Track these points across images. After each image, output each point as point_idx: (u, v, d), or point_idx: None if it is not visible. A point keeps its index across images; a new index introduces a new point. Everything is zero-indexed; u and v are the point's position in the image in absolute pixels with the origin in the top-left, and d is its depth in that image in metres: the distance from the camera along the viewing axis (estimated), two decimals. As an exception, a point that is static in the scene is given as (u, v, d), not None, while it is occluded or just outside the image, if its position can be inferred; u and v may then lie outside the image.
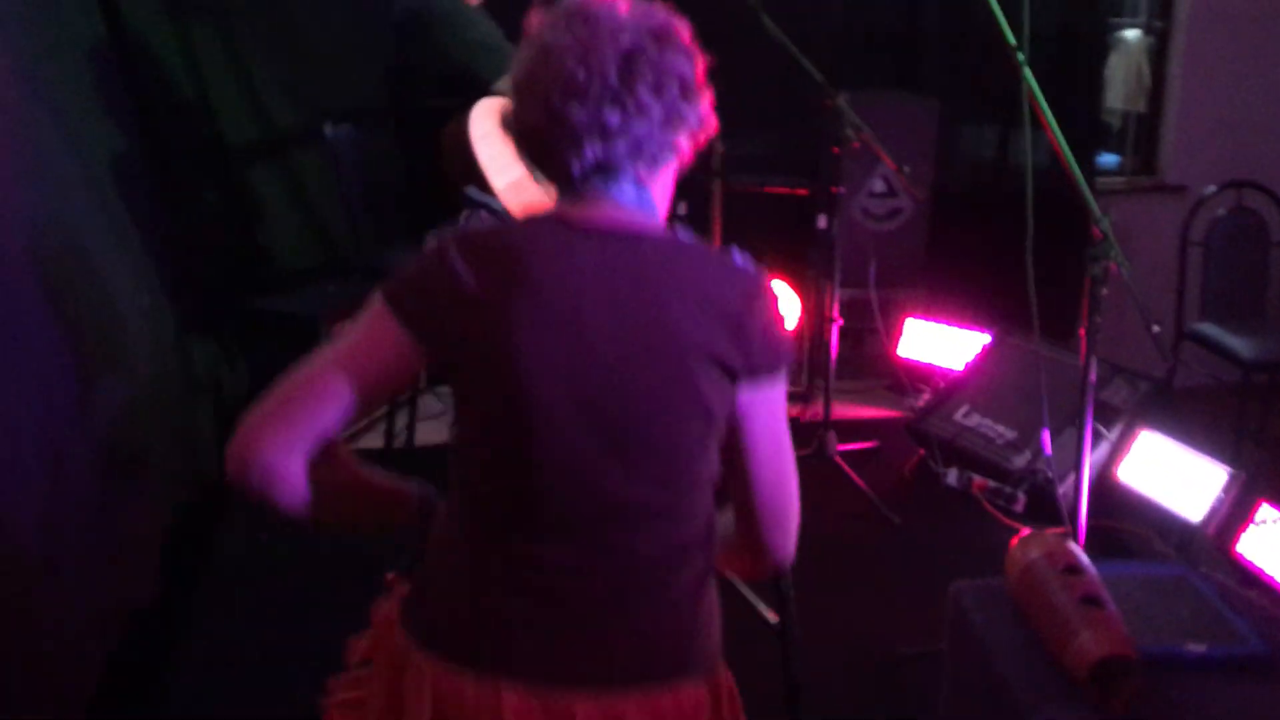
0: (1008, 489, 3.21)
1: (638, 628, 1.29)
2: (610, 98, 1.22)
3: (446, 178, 2.57)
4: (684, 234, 1.33)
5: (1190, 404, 3.75)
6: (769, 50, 3.04)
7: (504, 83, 2.82)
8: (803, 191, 3.84)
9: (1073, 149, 4.48)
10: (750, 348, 1.26)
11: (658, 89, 1.24)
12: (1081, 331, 2.23)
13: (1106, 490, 3.11)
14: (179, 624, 2.72)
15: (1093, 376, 2.25)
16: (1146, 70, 4.67)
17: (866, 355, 4.23)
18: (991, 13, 2.12)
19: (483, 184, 2.64)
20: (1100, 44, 4.32)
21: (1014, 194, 4.26)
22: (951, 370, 3.83)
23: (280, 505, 1.24)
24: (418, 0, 2.94)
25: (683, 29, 1.28)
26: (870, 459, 3.60)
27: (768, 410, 1.30)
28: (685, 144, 1.30)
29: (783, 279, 4.12)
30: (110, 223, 2.76)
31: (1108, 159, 4.92)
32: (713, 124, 1.32)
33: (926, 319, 4.05)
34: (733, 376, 1.26)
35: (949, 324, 3.97)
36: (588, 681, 1.27)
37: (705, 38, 1.30)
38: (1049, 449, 2.50)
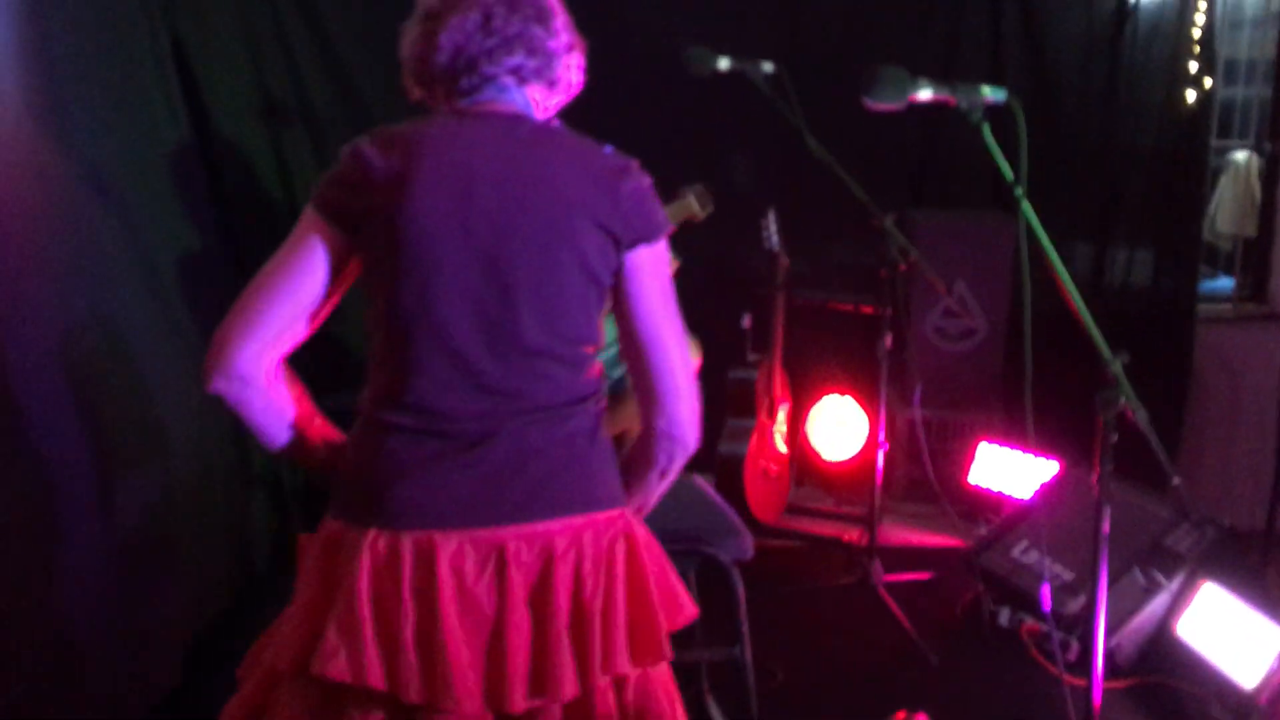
0: (1060, 635, 3.00)
1: (544, 465, 1.47)
2: (489, 28, 1.52)
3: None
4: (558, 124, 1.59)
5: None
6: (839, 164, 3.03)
7: None
8: (867, 309, 3.76)
9: (1173, 272, 4.30)
10: (627, 214, 1.49)
11: (524, 26, 1.54)
12: (1094, 479, 2.09)
13: (1165, 645, 2.88)
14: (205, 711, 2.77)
15: (1105, 527, 2.11)
16: (1257, 193, 4.44)
17: (939, 480, 4.07)
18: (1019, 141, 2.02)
19: None
20: (1200, 164, 4.13)
21: (1110, 315, 4.13)
22: (1021, 500, 3.64)
23: (257, 411, 1.47)
24: None
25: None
26: (922, 591, 3.43)
27: (649, 273, 1.53)
28: (557, 75, 1.59)
29: (851, 395, 4.04)
30: (167, 320, 2.91)
31: (1223, 283, 4.67)
32: (580, 72, 1.63)
33: (999, 444, 3.88)
34: (616, 243, 1.49)
35: (1022, 450, 3.79)
36: (508, 516, 1.44)
37: (780, 150, 1.39)
38: (1048, 604, 2.33)
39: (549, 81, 1.59)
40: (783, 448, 3.92)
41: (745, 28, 3.93)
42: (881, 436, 3.38)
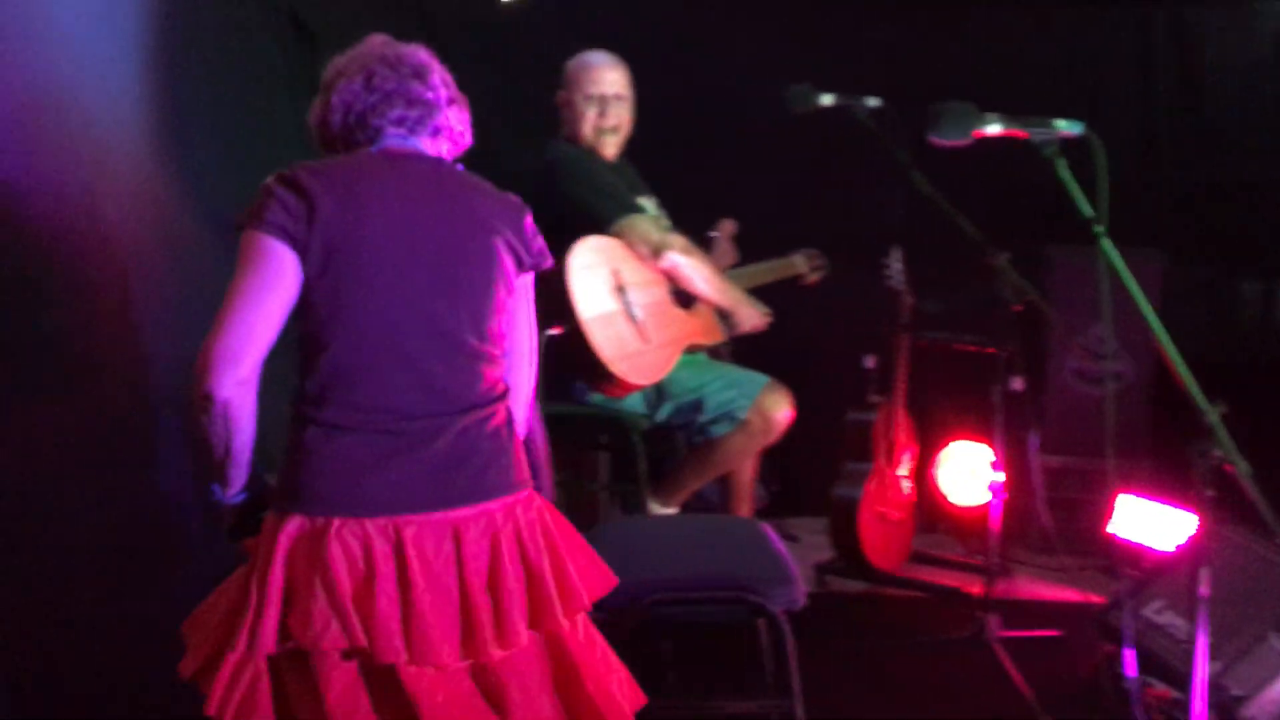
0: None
1: (482, 455, 1.70)
2: (370, 86, 1.77)
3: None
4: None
5: None
6: (969, 204, 2.95)
7: (619, 226, 2.93)
8: (991, 350, 3.60)
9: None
10: (529, 243, 1.81)
11: (400, 83, 1.78)
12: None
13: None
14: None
15: (1203, 590, 1.95)
16: None
17: (1078, 531, 3.85)
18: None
19: (565, 310, 2.74)
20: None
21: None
22: (1161, 554, 3.39)
23: (232, 435, 1.62)
24: (554, 152, 3.11)
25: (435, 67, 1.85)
26: (1048, 650, 3.23)
27: (529, 296, 1.87)
28: (438, 125, 1.80)
29: (978, 440, 3.87)
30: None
31: None
32: (466, 126, 1.86)
33: (1140, 495, 3.63)
34: (519, 264, 1.79)
35: (1165, 503, 3.54)
36: (458, 500, 1.65)
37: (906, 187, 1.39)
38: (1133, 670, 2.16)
39: (432, 130, 1.81)
40: (906, 493, 3.79)
41: (877, 71, 3.88)
42: (1000, 483, 3.22)
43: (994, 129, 1.94)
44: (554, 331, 2.75)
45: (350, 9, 3.52)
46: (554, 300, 2.74)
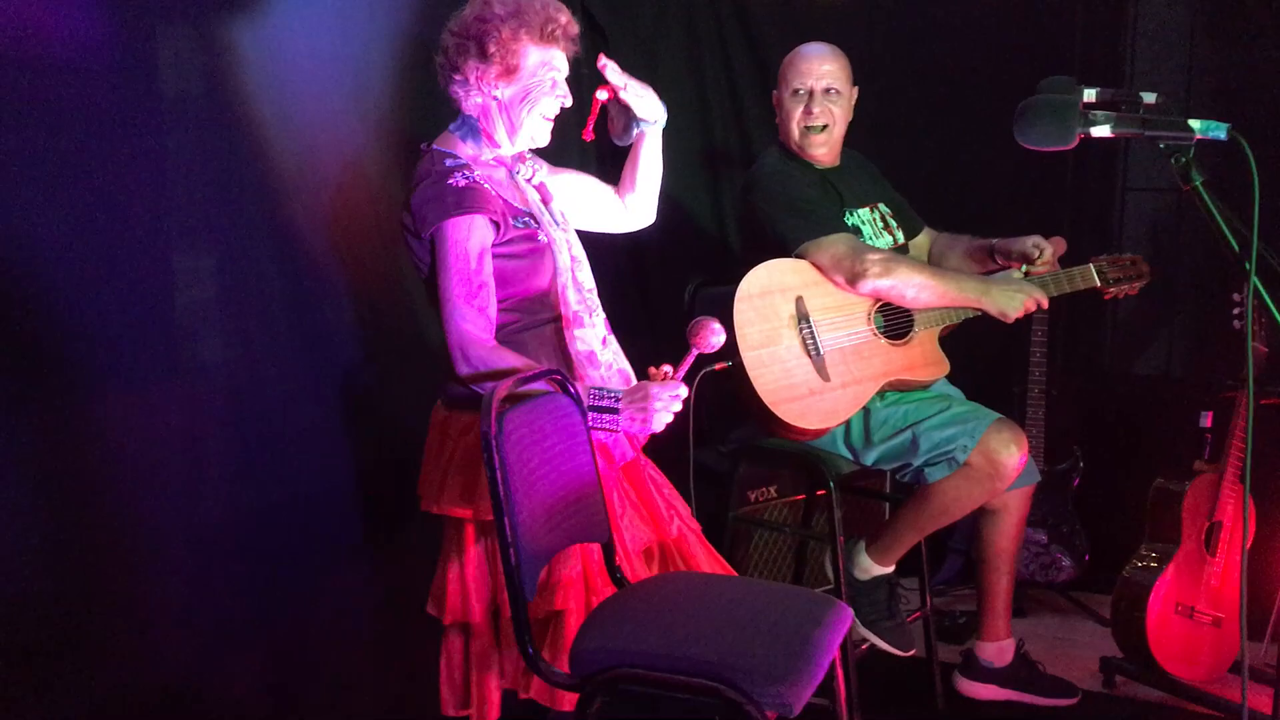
0: None
1: None
2: None
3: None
4: None
5: None
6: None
7: (804, 248, 2.58)
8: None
9: None
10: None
11: None
12: None
13: None
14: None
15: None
16: None
17: None
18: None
19: (730, 344, 2.44)
20: None
21: None
22: None
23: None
24: (758, 164, 2.83)
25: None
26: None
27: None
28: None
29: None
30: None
31: None
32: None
33: None
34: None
35: None
36: None
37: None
38: None
39: None
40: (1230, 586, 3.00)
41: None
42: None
43: (1102, 130, 1.45)
44: (719, 367, 2.43)
45: (640, 7, 3.48)
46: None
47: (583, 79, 2.47)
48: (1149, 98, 2.34)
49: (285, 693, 2.40)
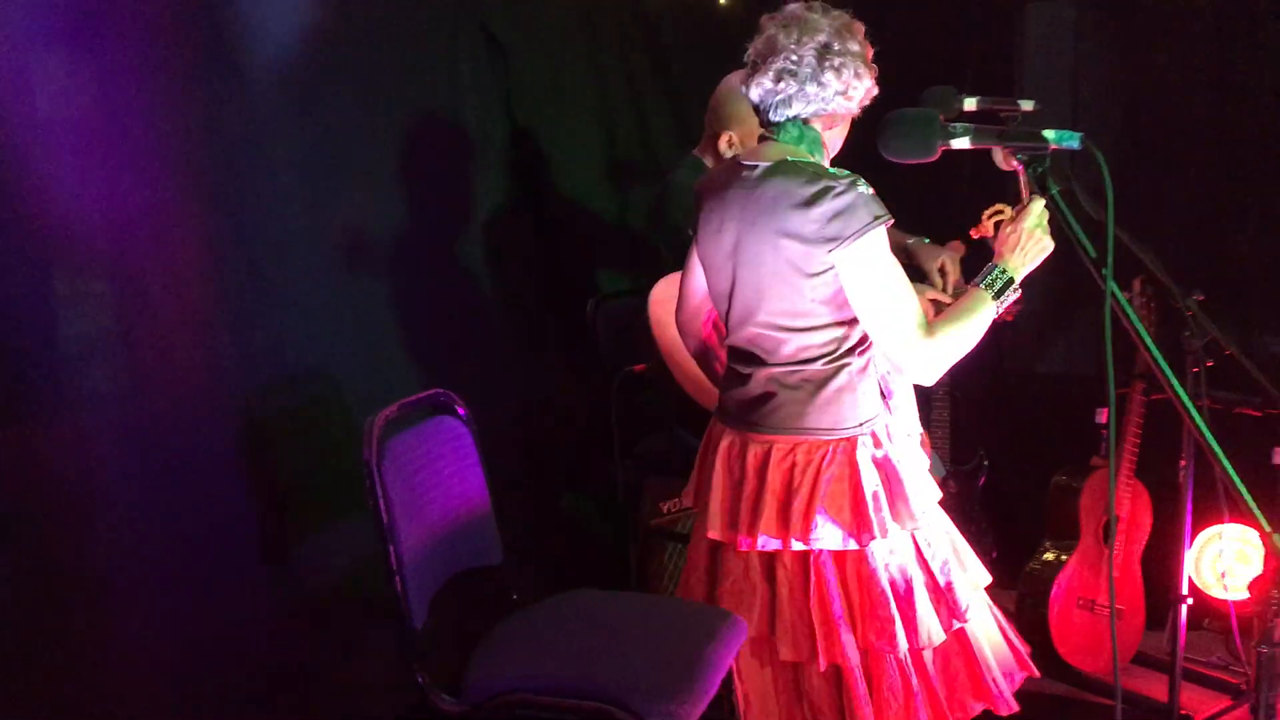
0: None
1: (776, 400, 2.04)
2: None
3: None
4: None
5: None
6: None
7: None
8: (1255, 412, 2.81)
9: None
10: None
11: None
12: None
13: None
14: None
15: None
16: None
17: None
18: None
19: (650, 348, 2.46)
20: None
21: None
22: None
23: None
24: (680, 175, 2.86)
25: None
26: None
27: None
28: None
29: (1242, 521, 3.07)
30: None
31: None
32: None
33: None
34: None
35: None
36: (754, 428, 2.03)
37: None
38: None
39: None
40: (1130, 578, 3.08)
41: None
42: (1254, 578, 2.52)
43: (961, 143, 1.47)
44: (637, 369, 2.45)
45: (541, 22, 3.47)
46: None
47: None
48: (1027, 105, 2.40)
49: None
